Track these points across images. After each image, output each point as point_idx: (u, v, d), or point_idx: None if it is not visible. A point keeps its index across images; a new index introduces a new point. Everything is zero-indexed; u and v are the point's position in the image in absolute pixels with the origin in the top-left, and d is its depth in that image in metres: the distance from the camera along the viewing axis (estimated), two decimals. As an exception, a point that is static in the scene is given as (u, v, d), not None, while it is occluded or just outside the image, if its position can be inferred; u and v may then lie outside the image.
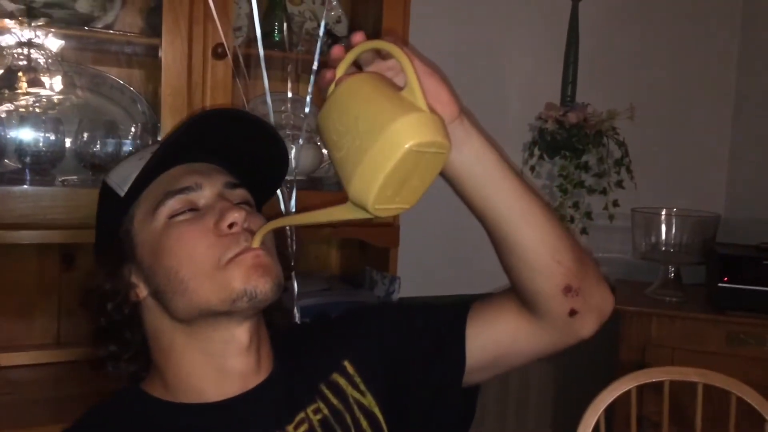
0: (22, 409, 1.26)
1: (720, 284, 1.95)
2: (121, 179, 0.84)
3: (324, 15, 1.27)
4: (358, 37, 0.70)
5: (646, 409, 1.78)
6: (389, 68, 0.72)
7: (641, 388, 1.56)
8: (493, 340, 0.87)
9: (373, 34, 1.58)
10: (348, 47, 0.70)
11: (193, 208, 0.81)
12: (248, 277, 0.76)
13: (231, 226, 0.78)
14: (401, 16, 1.56)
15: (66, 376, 1.40)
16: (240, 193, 0.85)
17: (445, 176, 0.78)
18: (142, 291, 0.82)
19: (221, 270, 0.77)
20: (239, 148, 0.87)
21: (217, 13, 1.26)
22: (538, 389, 2.31)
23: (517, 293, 0.84)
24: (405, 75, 0.65)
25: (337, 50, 0.71)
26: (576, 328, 0.83)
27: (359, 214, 0.66)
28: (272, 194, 1.00)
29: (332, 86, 0.70)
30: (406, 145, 0.61)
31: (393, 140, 0.61)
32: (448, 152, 0.66)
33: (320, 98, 0.72)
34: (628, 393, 1.53)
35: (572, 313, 0.81)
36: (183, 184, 0.81)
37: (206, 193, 0.82)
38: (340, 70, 0.70)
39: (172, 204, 0.80)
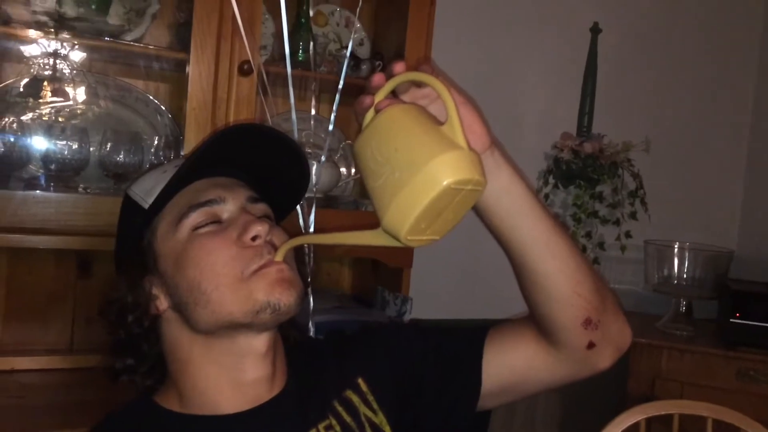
0: (33, 413, 1.27)
1: (732, 320, 1.95)
2: (145, 192, 0.86)
3: (351, 38, 1.29)
4: (399, 67, 0.71)
5: (654, 443, 1.76)
6: (424, 96, 0.73)
7: (650, 421, 1.54)
8: (510, 366, 0.87)
9: (397, 57, 1.61)
10: (389, 75, 0.71)
11: (217, 221, 0.82)
12: (272, 290, 0.78)
13: (254, 238, 0.80)
14: (423, 42, 1.58)
15: (77, 383, 1.40)
16: (261, 208, 0.87)
17: (473, 206, 0.79)
18: (163, 303, 0.83)
19: (244, 282, 0.78)
20: (261, 163, 0.89)
21: (244, 32, 1.28)
22: (544, 419, 2.29)
23: (536, 323, 0.84)
24: (446, 110, 0.66)
25: (378, 78, 0.72)
26: (593, 361, 0.84)
27: (389, 242, 0.67)
28: (292, 209, 1.01)
29: (370, 112, 0.71)
30: (445, 182, 0.62)
31: (432, 176, 0.62)
32: (483, 188, 0.67)
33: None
34: (636, 425, 1.51)
35: (590, 345, 0.82)
36: (207, 197, 0.83)
37: (229, 206, 0.83)
38: (379, 97, 0.72)
39: (196, 216, 0.81)
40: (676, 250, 2.15)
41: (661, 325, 2.12)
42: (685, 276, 2.13)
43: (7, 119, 1.38)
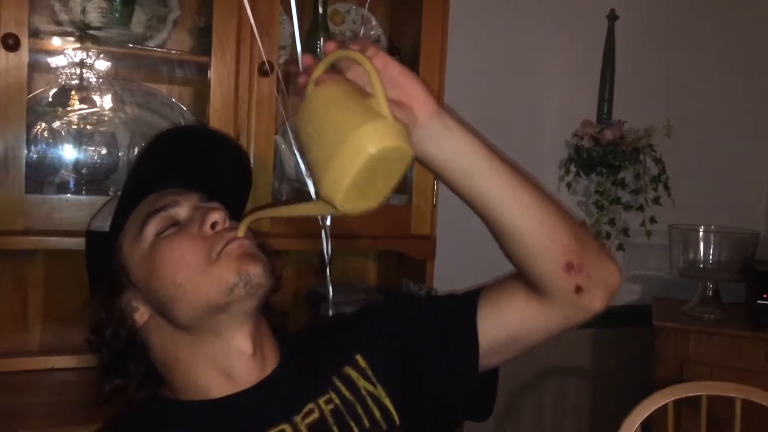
0: (72, 409, 1.32)
1: (759, 301, 1.93)
2: (103, 220, 0.91)
3: (361, 34, 1.31)
4: (330, 46, 0.76)
5: (683, 426, 1.76)
6: (364, 73, 0.76)
7: (678, 404, 1.55)
8: (504, 321, 0.89)
9: (412, 53, 1.63)
10: (323, 56, 0.76)
11: (175, 223, 0.87)
12: (239, 264, 0.82)
13: (213, 225, 0.84)
14: (439, 36, 1.60)
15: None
16: (215, 205, 0.90)
17: (431, 170, 0.82)
18: (144, 314, 0.87)
19: (213, 264, 0.82)
20: (204, 170, 0.94)
21: (262, 33, 1.32)
22: (573, 405, 2.30)
23: (522, 276, 0.87)
24: (371, 83, 0.69)
25: (307, 59, 0.77)
26: (585, 304, 0.85)
27: (330, 211, 0.72)
28: (243, 207, 1.04)
29: (309, 88, 0.75)
30: (370, 151, 0.66)
31: (358, 146, 0.66)
32: (410, 156, 0.70)
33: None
34: (664, 408, 1.52)
35: (578, 289, 0.83)
36: (162, 203, 0.88)
37: (183, 208, 0.88)
38: (316, 75, 0.75)
39: (155, 222, 0.86)
40: (701, 233, 2.14)
41: (688, 309, 2.11)
42: (711, 259, 2.12)
43: (38, 127, 1.43)
